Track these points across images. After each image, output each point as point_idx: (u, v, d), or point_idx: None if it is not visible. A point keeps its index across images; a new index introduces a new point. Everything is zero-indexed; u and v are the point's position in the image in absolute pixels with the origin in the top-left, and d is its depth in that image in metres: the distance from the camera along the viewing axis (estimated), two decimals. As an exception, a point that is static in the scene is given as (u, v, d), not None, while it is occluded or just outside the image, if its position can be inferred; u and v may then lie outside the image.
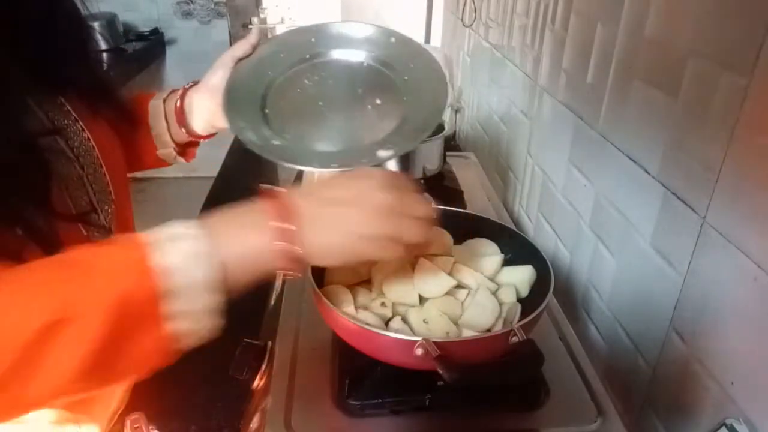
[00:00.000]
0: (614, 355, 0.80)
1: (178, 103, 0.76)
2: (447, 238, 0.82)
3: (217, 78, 0.74)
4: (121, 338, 0.40)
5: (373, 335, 0.59)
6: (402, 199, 0.50)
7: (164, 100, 0.78)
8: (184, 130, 0.77)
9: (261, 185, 0.57)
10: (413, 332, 0.65)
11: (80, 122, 0.63)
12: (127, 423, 0.74)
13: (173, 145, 0.79)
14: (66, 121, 0.61)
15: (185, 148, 0.83)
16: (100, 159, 0.65)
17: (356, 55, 0.78)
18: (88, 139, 0.63)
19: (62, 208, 0.57)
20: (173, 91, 0.78)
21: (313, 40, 0.79)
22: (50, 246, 0.49)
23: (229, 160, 1.73)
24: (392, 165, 1.15)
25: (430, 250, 0.72)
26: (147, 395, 0.81)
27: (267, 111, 0.73)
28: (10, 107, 0.52)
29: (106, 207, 0.65)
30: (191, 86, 0.77)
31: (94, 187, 0.63)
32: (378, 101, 0.73)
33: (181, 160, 0.83)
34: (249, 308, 0.95)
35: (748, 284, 0.53)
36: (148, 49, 3.03)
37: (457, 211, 0.87)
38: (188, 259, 0.42)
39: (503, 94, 1.31)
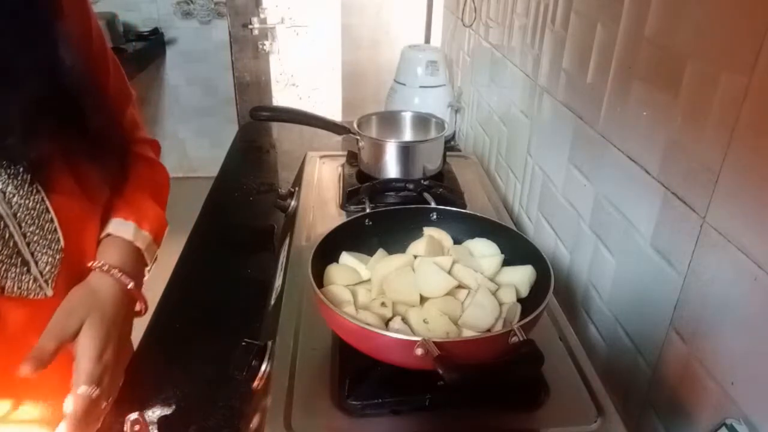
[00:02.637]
0: (614, 355, 0.80)
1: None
2: (446, 238, 0.82)
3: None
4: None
5: (373, 335, 0.59)
6: None
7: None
8: None
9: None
10: (413, 332, 0.65)
11: (20, 165, 0.56)
12: (127, 423, 0.74)
13: None
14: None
15: None
16: (47, 202, 0.59)
17: None
18: (28, 181, 0.57)
19: None
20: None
21: None
22: None
23: (229, 160, 1.73)
24: (394, 165, 1.15)
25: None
26: (146, 395, 0.82)
27: None
28: None
29: (47, 257, 0.59)
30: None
31: (28, 236, 0.57)
32: None
33: None
34: (249, 308, 0.95)
35: (748, 284, 0.53)
36: (148, 49, 3.04)
37: (457, 211, 0.87)
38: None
39: (503, 94, 1.31)
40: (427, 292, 0.70)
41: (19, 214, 0.56)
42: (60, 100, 0.59)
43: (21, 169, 0.57)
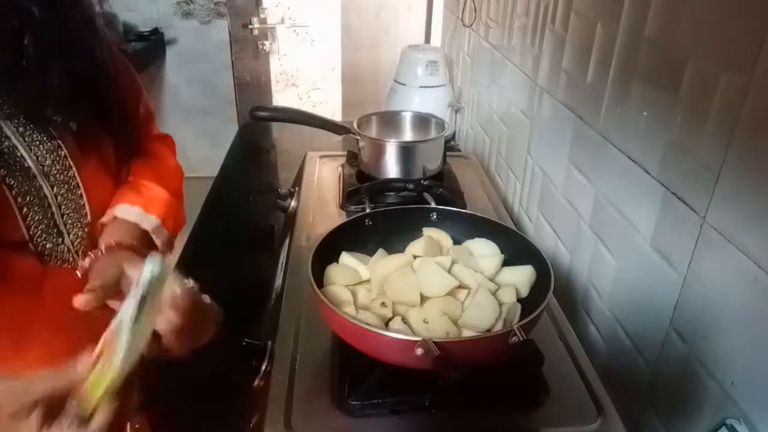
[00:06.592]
0: (614, 355, 0.80)
1: None
2: (446, 238, 0.82)
3: None
4: None
5: (373, 335, 0.59)
6: None
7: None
8: None
9: None
10: (413, 332, 0.65)
11: (57, 140, 0.61)
12: (128, 424, 0.74)
13: None
14: (38, 137, 0.59)
15: None
16: (78, 179, 0.63)
17: None
18: (66, 157, 0.61)
19: (8, 230, 0.56)
20: None
21: None
22: None
23: (229, 160, 1.73)
24: (394, 165, 1.15)
25: None
26: (147, 395, 0.81)
27: None
28: None
29: (77, 230, 0.63)
30: None
31: (63, 208, 0.61)
32: None
33: None
34: (249, 308, 0.95)
35: (748, 284, 0.53)
36: (148, 49, 3.03)
37: (457, 211, 0.87)
38: None
39: (503, 94, 1.31)
40: (427, 292, 0.70)
41: (56, 188, 0.60)
42: (94, 80, 0.64)
43: (58, 144, 0.61)
